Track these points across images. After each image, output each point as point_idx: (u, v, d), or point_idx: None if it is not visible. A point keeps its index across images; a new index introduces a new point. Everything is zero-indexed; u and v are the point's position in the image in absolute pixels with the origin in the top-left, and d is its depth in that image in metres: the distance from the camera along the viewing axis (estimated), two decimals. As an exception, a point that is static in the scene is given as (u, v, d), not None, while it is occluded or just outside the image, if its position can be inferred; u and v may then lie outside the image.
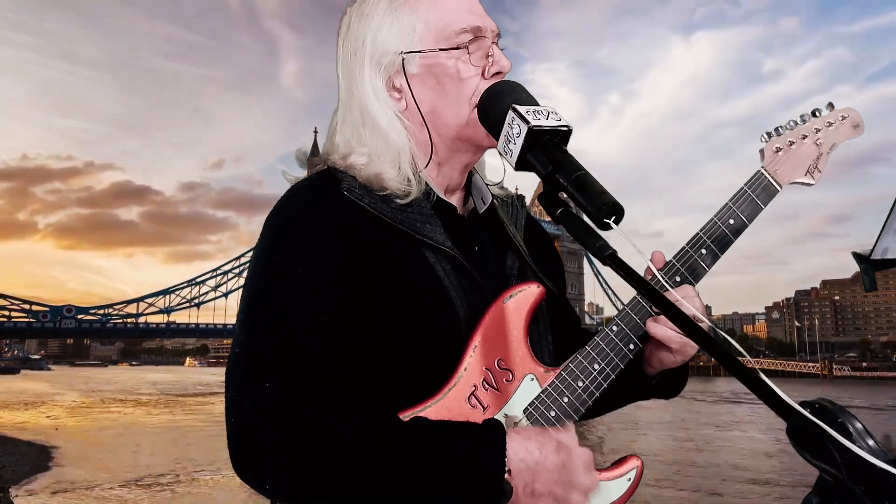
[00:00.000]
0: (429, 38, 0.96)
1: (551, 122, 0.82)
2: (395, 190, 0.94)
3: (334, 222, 0.90)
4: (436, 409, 0.88)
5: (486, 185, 1.09)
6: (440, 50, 0.96)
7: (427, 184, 0.99)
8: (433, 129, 0.99)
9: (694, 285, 1.00)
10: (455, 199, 1.04)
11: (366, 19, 0.99)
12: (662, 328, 0.95)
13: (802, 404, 0.55)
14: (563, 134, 0.82)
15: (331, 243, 0.89)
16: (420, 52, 0.96)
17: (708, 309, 1.03)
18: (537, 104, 0.86)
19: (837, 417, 0.54)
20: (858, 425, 0.53)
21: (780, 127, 1.07)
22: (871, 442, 0.52)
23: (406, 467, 0.78)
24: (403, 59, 0.97)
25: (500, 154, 0.87)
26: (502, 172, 1.11)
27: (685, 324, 0.66)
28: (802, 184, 1.06)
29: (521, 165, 0.83)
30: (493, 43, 0.98)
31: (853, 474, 0.51)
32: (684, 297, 0.95)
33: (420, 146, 1.00)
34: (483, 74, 0.96)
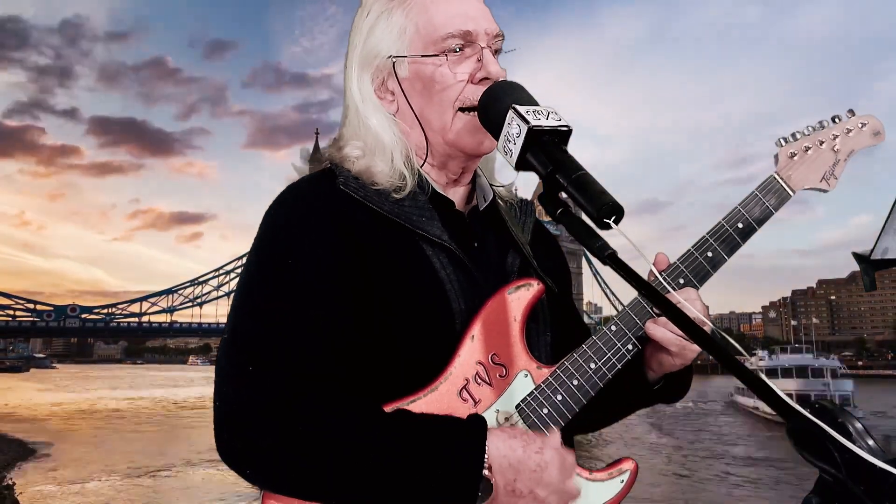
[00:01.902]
0: (417, 43, 0.97)
1: (551, 122, 0.82)
2: (385, 184, 0.94)
3: (332, 219, 0.91)
4: (426, 401, 0.87)
5: (492, 185, 1.09)
6: (423, 56, 0.96)
7: (425, 179, 0.99)
8: (424, 131, 0.99)
9: (698, 288, 0.99)
10: (457, 196, 1.04)
11: (363, 19, 1.00)
12: (662, 330, 0.94)
13: (802, 404, 0.55)
14: (562, 134, 0.82)
15: (328, 241, 0.90)
16: (406, 57, 0.97)
17: (706, 309, 1.02)
18: (537, 104, 0.86)
19: (837, 417, 0.54)
20: (858, 425, 0.53)
21: (797, 132, 1.05)
22: (871, 442, 0.52)
23: (386, 460, 0.79)
24: (394, 63, 0.98)
25: (501, 153, 0.87)
26: (513, 176, 1.10)
27: (686, 325, 0.66)
28: (817, 190, 1.05)
29: (520, 165, 0.83)
30: (486, 47, 0.97)
31: (853, 474, 0.51)
32: (685, 300, 0.94)
33: (417, 146, 1.00)
34: (471, 80, 0.96)
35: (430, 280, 0.92)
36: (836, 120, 1.06)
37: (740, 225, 1.01)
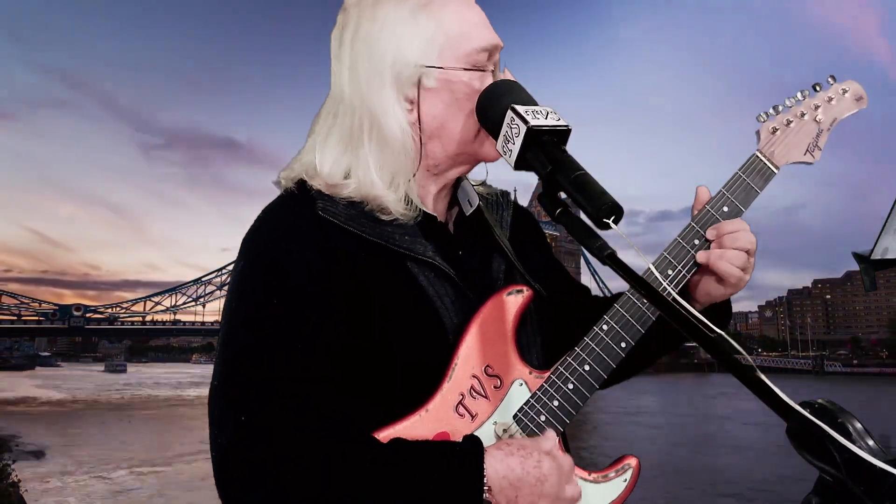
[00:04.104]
0: (449, 54, 0.93)
1: (550, 122, 0.82)
2: (388, 208, 0.92)
3: (313, 240, 0.88)
4: (422, 420, 0.87)
5: (472, 185, 1.08)
6: (464, 70, 0.93)
7: (412, 197, 0.96)
8: (438, 142, 0.96)
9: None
10: (440, 207, 1.03)
11: (384, 25, 0.94)
12: (718, 261, 0.93)
13: (802, 404, 0.55)
14: (561, 134, 0.82)
15: (316, 246, 0.88)
16: (441, 68, 0.93)
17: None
18: (536, 104, 0.86)
19: (837, 417, 0.54)
20: (858, 425, 0.53)
21: (778, 105, 1.03)
22: (870, 442, 0.52)
23: (386, 492, 0.78)
24: (422, 73, 0.94)
25: (500, 153, 0.87)
26: (485, 173, 1.09)
27: (684, 322, 0.66)
28: (802, 163, 1.03)
29: (520, 165, 0.83)
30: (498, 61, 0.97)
31: (853, 474, 0.51)
32: (740, 231, 0.95)
33: (418, 157, 0.97)
34: None
35: (418, 299, 0.91)
36: (817, 88, 1.04)
37: (725, 209, 0.98)
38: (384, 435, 0.84)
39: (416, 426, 0.86)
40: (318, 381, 0.84)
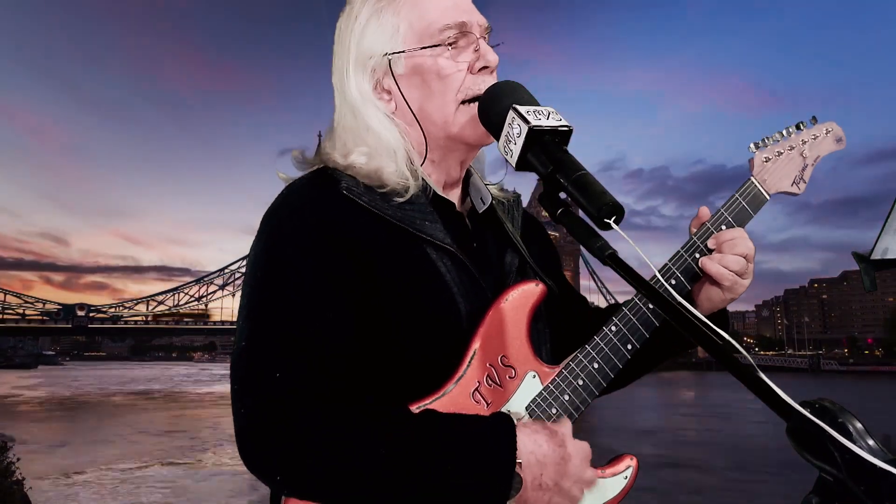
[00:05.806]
0: (412, 38, 0.97)
1: (552, 122, 0.82)
2: (394, 185, 0.95)
3: (333, 223, 0.90)
4: (441, 403, 0.88)
5: (486, 184, 1.10)
6: (422, 48, 0.97)
7: (424, 181, 0.99)
8: (424, 127, 0.99)
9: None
10: (453, 197, 1.05)
11: (352, 23, 1.01)
12: (716, 265, 0.98)
13: (802, 404, 0.56)
14: (563, 134, 0.83)
15: (330, 244, 0.89)
16: (403, 52, 0.97)
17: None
18: (538, 104, 0.86)
19: (837, 417, 0.54)
20: (858, 425, 0.54)
21: (768, 138, 1.10)
22: (871, 442, 0.53)
23: (417, 458, 0.79)
24: (389, 61, 0.98)
25: (501, 153, 0.88)
26: (503, 174, 1.13)
27: (684, 322, 0.66)
28: (789, 193, 1.11)
29: (521, 165, 0.83)
30: (481, 37, 0.99)
31: (853, 474, 0.51)
32: (738, 238, 1.00)
33: (415, 144, 1.01)
34: (470, 70, 0.97)
35: (436, 284, 0.93)
36: (801, 126, 1.12)
37: (724, 227, 1.04)
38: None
39: (435, 408, 0.87)
40: (345, 351, 0.86)
